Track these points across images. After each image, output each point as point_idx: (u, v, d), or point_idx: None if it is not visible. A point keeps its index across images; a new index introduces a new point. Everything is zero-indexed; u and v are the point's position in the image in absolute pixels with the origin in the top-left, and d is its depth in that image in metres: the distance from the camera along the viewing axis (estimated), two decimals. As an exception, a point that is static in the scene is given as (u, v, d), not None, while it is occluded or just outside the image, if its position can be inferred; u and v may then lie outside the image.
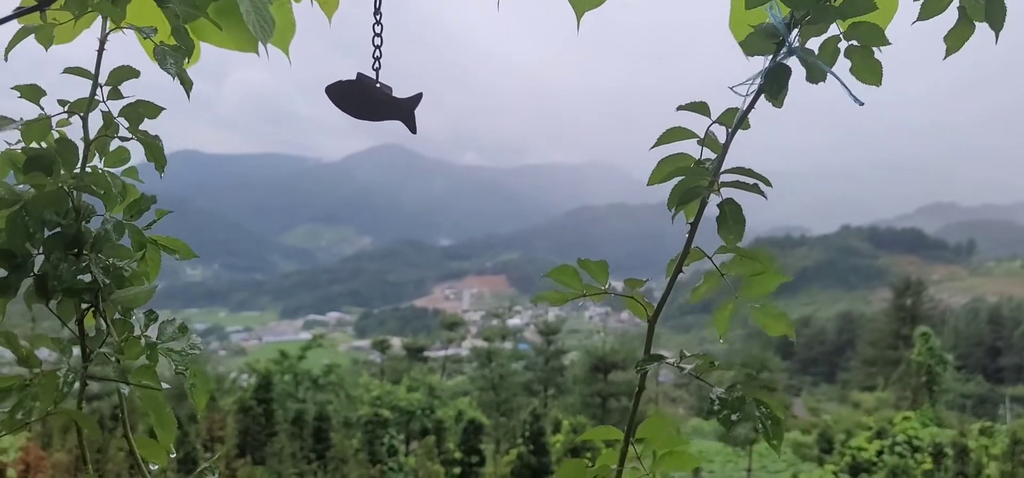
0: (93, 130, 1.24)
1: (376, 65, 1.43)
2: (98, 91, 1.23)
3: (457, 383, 40.41)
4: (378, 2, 1.42)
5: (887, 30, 1.21)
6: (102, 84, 1.23)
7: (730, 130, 1.20)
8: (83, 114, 1.22)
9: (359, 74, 1.44)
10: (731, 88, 1.19)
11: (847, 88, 1.15)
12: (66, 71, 1.21)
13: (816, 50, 1.19)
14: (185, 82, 1.24)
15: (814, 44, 1.19)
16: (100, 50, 1.22)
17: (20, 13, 1.23)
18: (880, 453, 27.85)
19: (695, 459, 1.22)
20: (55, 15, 1.22)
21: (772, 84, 1.17)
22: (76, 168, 1.21)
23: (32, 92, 1.18)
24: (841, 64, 1.21)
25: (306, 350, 35.68)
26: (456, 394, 35.14)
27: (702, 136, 1.22)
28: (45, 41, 1.29)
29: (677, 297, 1.29)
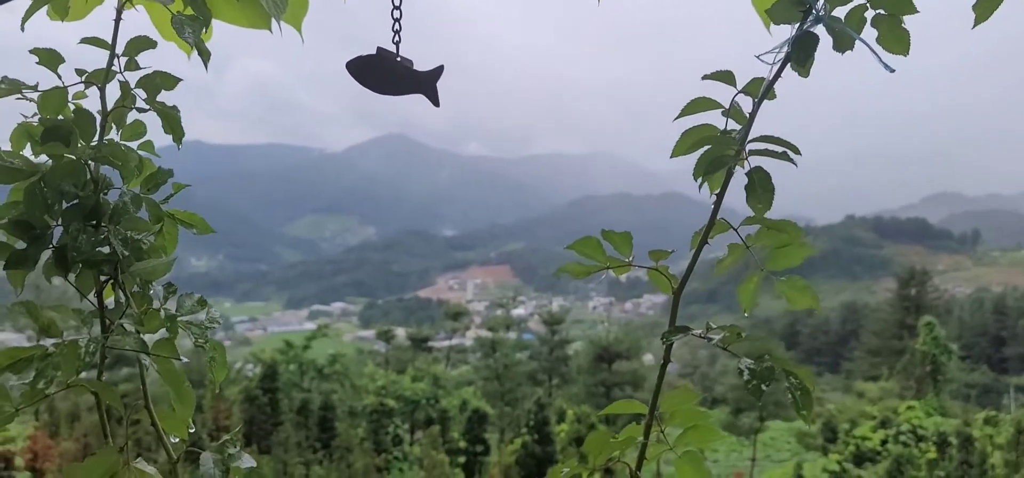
0: (110, 102, 1.23)
1: (396, 39, 1.42)
2: (115, 62, 1.21)
3: (461, 373, 40.47)
4: None
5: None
6: (119, 55, 1.21)
7: (756, 100, 1.18)
8: (101, 85, 1.20)
9: (379, 48, 1.42)
10: (758, 56, 1.16)
11: (877, 54, 1.13)
12: (83, 41, 1.20)
13: (842, 18, 1.17)
14: (203, 53, 1.22)
15: (841, 12, 1.17)
16: (117, 19, 1.21)
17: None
18: (884, 442, 27.88)
19: (719, 433, 1.20)
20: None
21: (799, 52, 1.15)
22: (94, 140, 1.20)
23: (50, 58, 1.17)
24: (867, 33, 1.19)
25: (311, 340, 35.74)
26: (460, 384, 35.21)
27: (727, 106, 1.20)
28: (60, 14, 1.27)
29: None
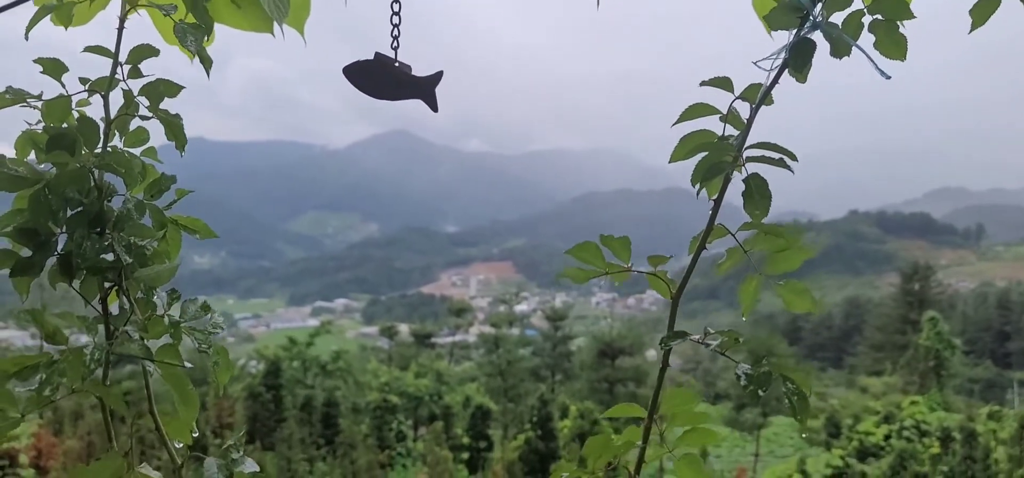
0: (113, 109, 1.24)
1: (395, 45, 1.42)
2: (118, 70, 1.22)
3: (465, 369, 40.57)
4: None
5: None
6: (122, 63, 1.23)
7: (754, 105, 1.19)
8: (104, 92, 1.21)
9: (377, 54, 1.43)
10: (755, 63, 1.17)
11: (873, 61, 1.14)
12: (86, 49, 1.21)
13: (840, 24, 1.18)
14: (205, 59, 1.24)
15: (838, 18, 1.18)
16: (120, 27, 1.22)
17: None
18: (888, 437, 27.88)
19: (718, 435, 1.21)
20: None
21: (797, 59, 1.16)
22: (98, 147, 1.21)
23: (54, 67, 1.18)
24: (865, 38, 1.19)
25: (314, 337, 35.85)
26: (464, 380, 35.29)
27: (725, 112, 1.21)
28: (64, 21, 1.28)
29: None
